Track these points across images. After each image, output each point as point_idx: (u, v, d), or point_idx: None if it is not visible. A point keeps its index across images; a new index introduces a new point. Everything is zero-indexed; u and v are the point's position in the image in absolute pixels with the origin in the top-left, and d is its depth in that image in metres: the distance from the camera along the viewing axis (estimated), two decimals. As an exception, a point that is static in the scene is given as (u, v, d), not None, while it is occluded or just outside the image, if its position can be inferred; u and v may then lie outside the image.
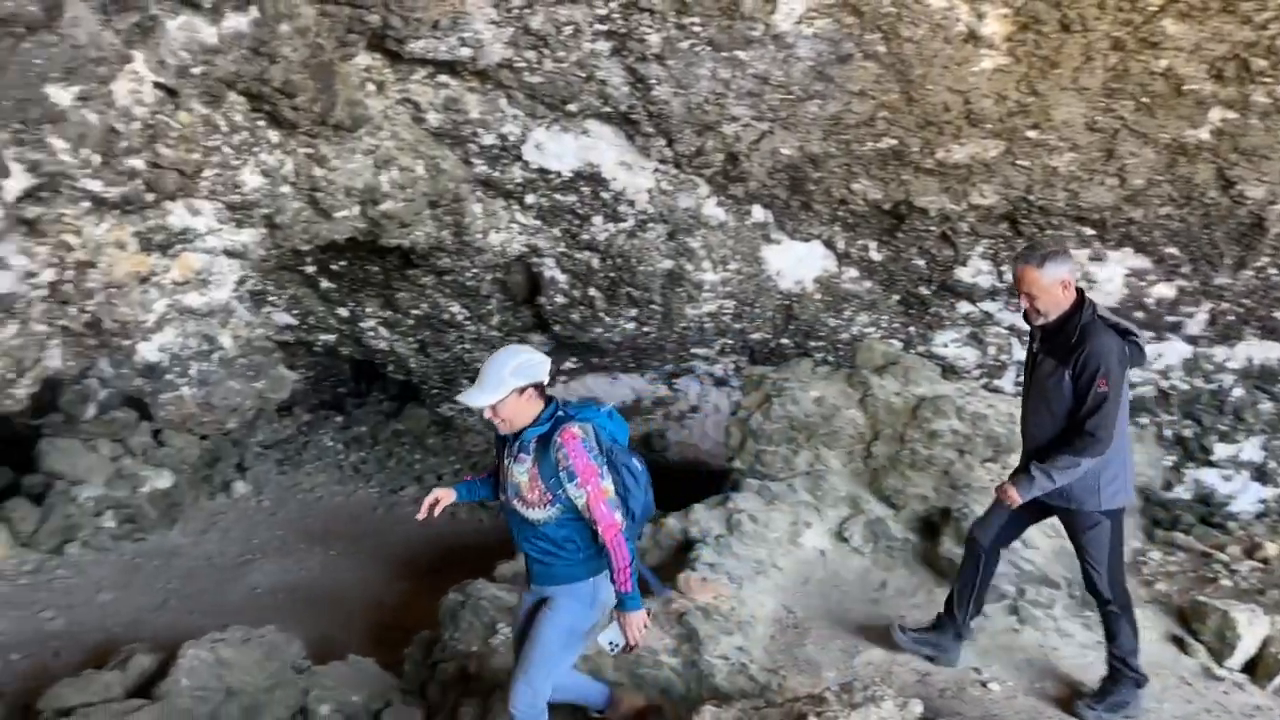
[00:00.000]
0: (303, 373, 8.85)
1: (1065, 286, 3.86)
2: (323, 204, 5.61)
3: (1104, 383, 3.75)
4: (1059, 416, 3.90)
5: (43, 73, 3.94)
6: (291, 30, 4.57)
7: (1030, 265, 3.85)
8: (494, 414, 3.48)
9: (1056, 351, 3.89)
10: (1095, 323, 3.85)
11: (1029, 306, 3.91)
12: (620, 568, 3.46)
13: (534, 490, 3.51)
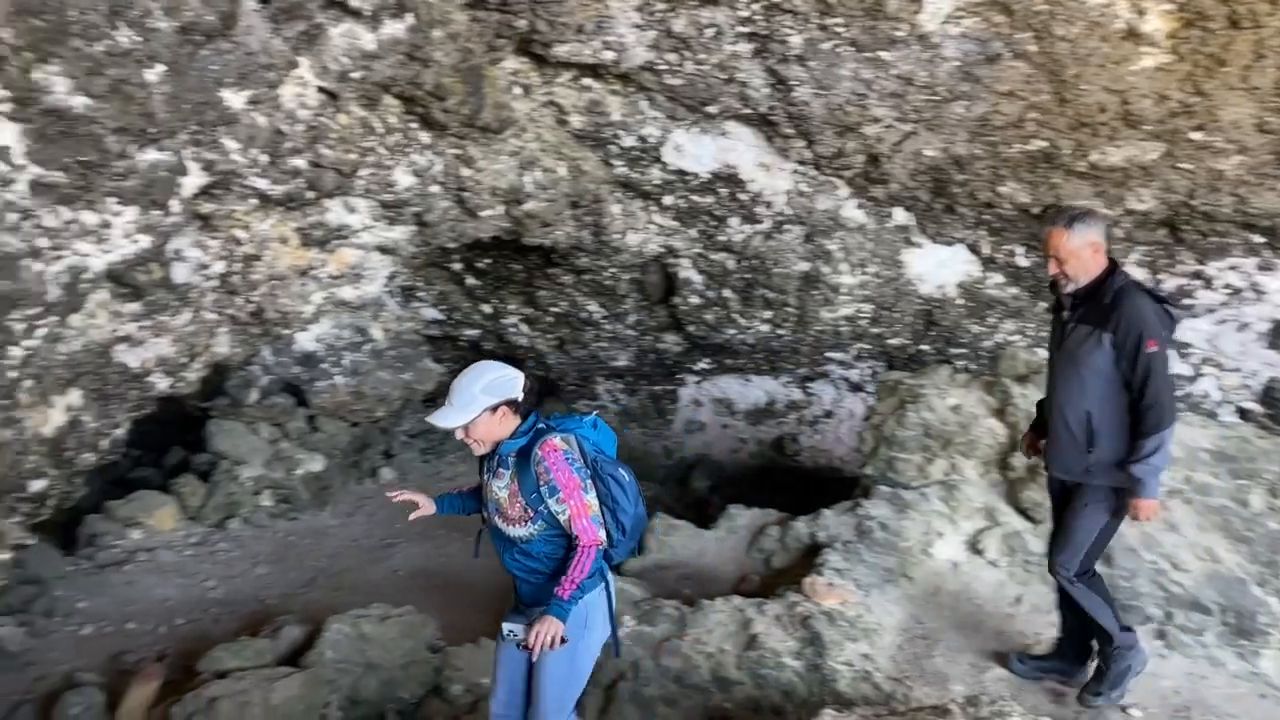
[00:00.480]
0: (448, 366, 9.17)
1: (1095, 250, 3.71)
2: (469, 203, 5.82)
3: (1152, 343, 3.57)
4: (1090, 385, 3.72)
5: (218, 78, 4.21)
6: (444, 35, 4.76)
7: (1058, 227, 3.71)
8: (466, 435, 3.32)
9: (1090, 317, 3.72)
10: (1130, 286, 3.69)
11: (1057, 272, 3.75)
12: (573, 575, 3.22)
13: (515, 506, 3.34)
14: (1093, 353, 3.67)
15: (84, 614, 5.67)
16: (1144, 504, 3.65)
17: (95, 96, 3.71)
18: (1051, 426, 3.92)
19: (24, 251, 3.88)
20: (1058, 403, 3.86)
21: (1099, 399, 3.71)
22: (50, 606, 5.62)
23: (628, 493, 3.45)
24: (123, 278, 4.67)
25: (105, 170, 3.97)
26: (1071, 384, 3.78)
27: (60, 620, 5.56)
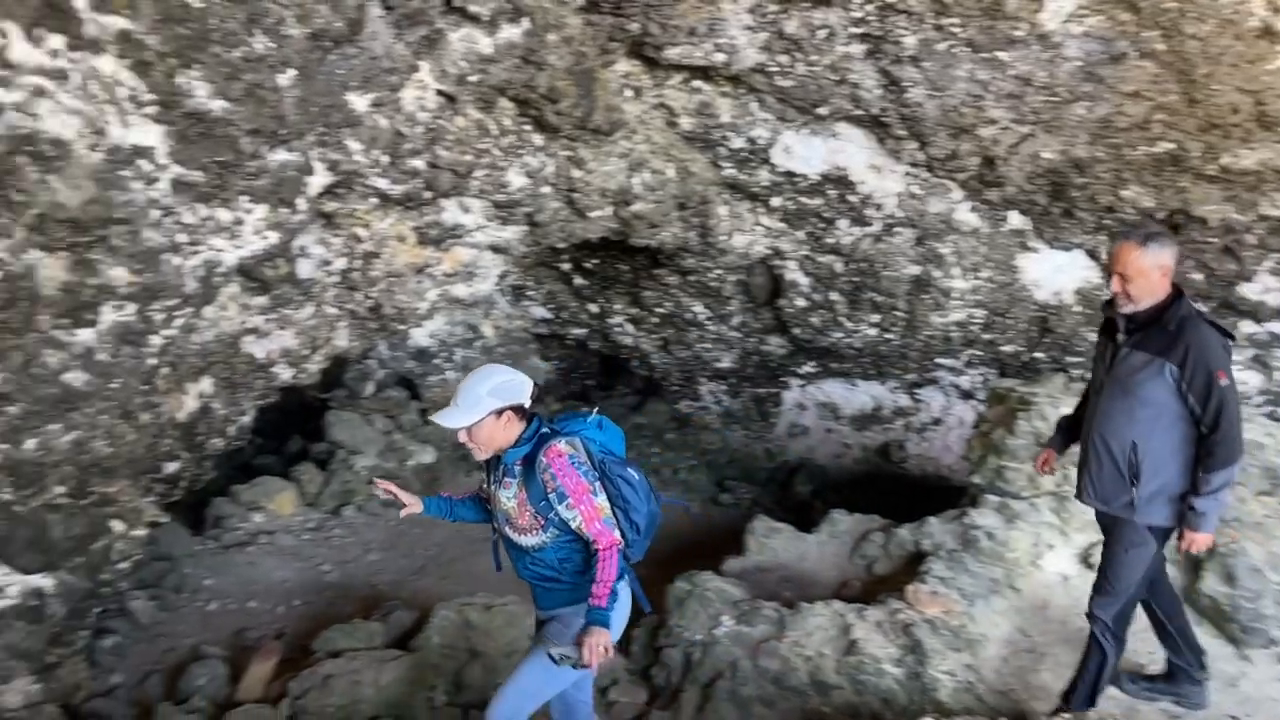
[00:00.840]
0: (555, 364, 9.35)
1: (1164, 274, 3.49)
2: (579, 204, 5.92)
3: (1222, 375, 3.38)
4: (1141, 416, 3.51)
5: (344, 81, 4.40)
6: (558, 39, 4.87)
7: (1131, 242, 3.48)
8: (468, 438, 3.23)
9: (1150, 344, 3.50)
10: (1194, 315, 3.49)
11: (1120, 290, 3.52)
12: (602, 580, 3.15)
13: (524, 515, 3.27)
14: (1150, 382, 3.47)
15: (210, 591, 5.97)
16: (1201, 538, 3.50)
17: (232, 100, 3.92)
18: (1088, 452, 3.72)
19: (165, 246, 4.13)
20: (1099, 429, 3.65)
21: (1148, 430, 3.52)
22: (179, 583, 5.95)
23: (638, 491, 3.37)
24: (252, 272, 4.91)
25: (239, 170, 4.19)
26: (1119, 412, 3.58)
27: (188, 596, 5.87)
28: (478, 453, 3.29)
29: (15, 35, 3.32)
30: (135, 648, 5.25)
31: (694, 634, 4.70)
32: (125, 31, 3.53)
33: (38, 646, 4.22)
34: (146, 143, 3.81)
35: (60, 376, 3.99)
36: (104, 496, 4.37)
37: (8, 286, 3.71)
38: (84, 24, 3.42)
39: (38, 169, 3.56)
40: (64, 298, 3.89)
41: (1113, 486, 3.62)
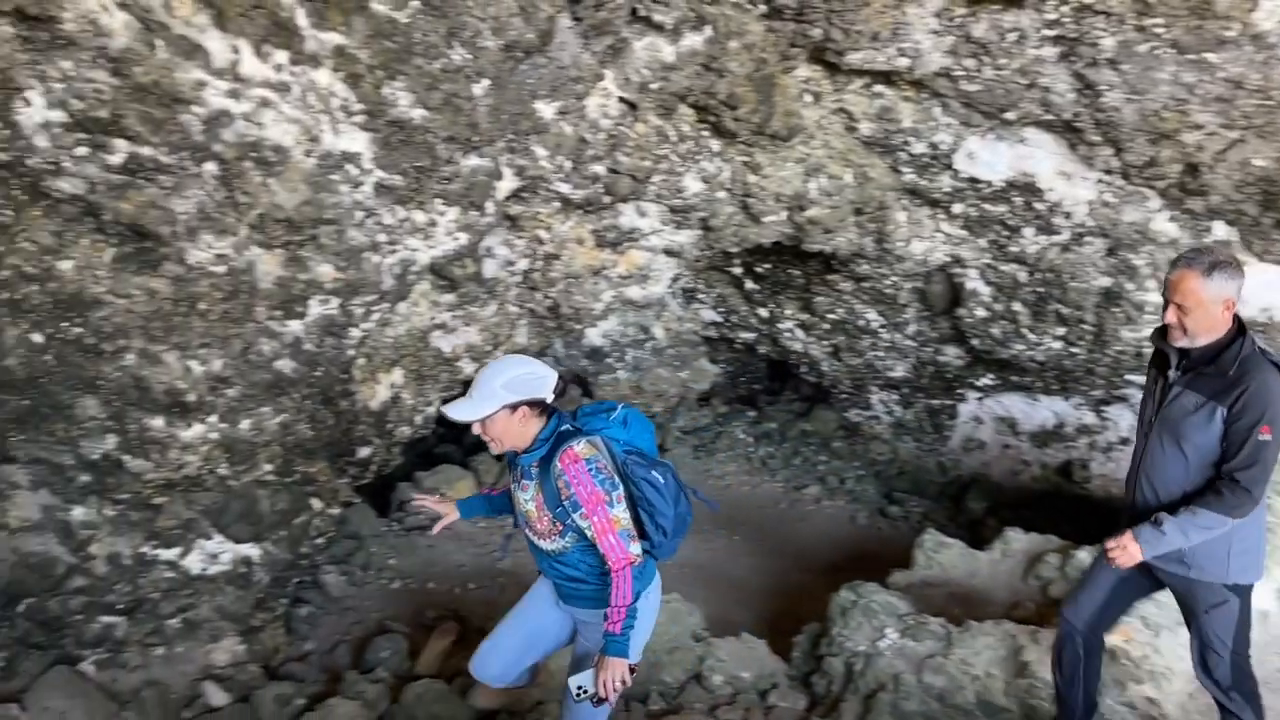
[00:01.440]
0: (723, 367, 9.40)
1: (1228, 308, 3.16)
2: (754, 209, 5.96)
3: (1267, 430, 3.06)
4: (1194, 464, 3.21)
5: (533, 90, 4.59)
6: (739, 46, 4.92)
7: (1194, 270, 3.13)
8: (483, 431, 3.10)
9: (1205, 385, 3.19)
10: (1259, 357, 3.15)
11: (1176, 321, 3.20)
12: (617, 604, 3.02)
13: (542, 520, 3.16)
14: (1201, 428, 3.18)
15: (393, 570, 6.34)
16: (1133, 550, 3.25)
17: (431, 109, 4.17)
18: (1136, 500, 3.40)
19: (366, 245, 4.43)
20: (1149, 476, 3.36)
21: (1202, 480, 3.22)
22: (366, 560, 6.34)
23: (664, 495, 3.20)
24: (442, 271, 5.19)
25: (435, 174, 4.44)
26: (1169, 459, 3.28)
27: (374, 573, 6.25)
28: (494, 446, 3.16)
29: (246, 52, 3.65)
30: (326, 618, 5.64)
31: (857, 644, 4.66)
32: (340, 46, 3.81)
33: (244, 610, 4.60)
34: (354, 149, 4.10)
35: (273, 364, 4.35)
36: (305, 476, 4.73)
37: (231, 280, 4.08)
38: (305, 40, 3.73)
39: (260, 173, 3.90)
40: (278, 291, 4.24)
41: None
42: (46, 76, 3.43)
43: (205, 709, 4.44)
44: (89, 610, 4.41)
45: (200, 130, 3.70)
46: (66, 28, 3.32)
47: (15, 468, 4.27)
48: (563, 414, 3.23)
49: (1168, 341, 3.29)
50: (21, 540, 4.29)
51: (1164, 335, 3.32)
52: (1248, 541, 3.27)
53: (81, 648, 4.43)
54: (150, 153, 3.67)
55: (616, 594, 3.03)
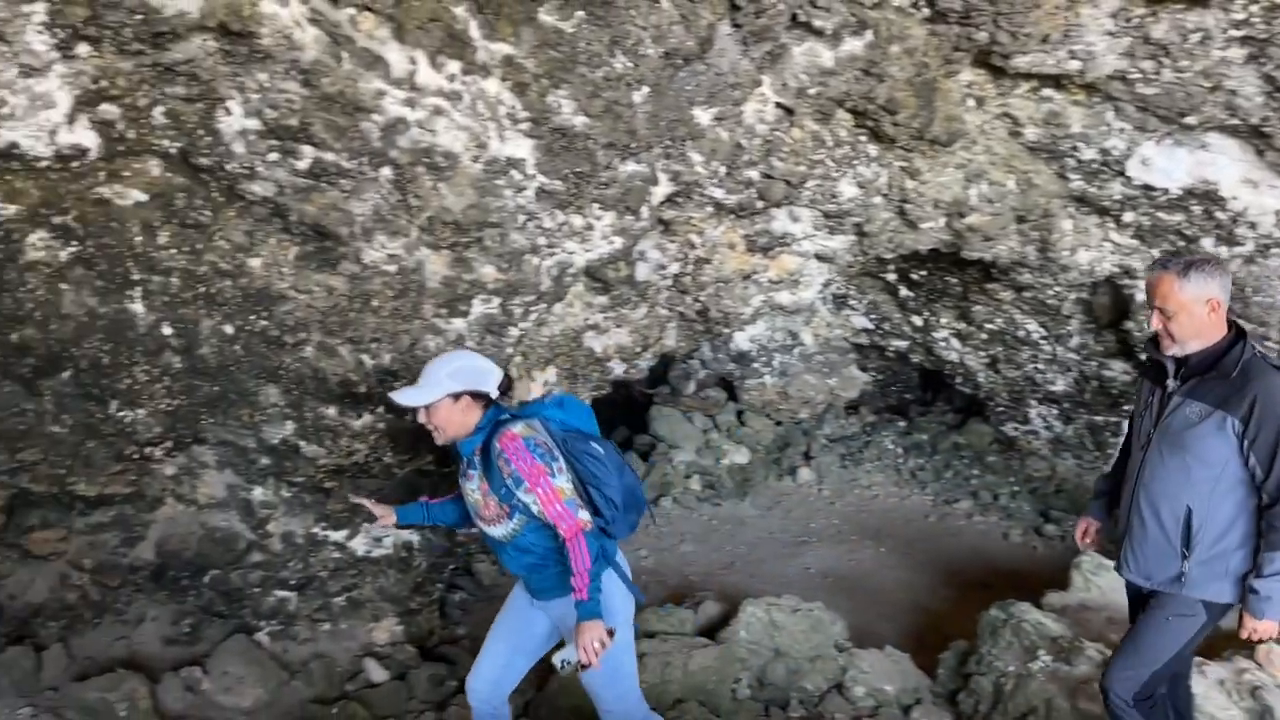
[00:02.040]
0: (873, 375, 9.25)
1: (1213, 309, 3.00)
2: (910, 215, 5.85)
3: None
4: (1198, 478, 3.01)
5: (691, 97, 4.66)
6: (900, 50, 4.85)
7: (1169, 273, 3.01)
8: (426, 417, 3.24)
9: (1208, 393, 3.00)
10: (1260, 361, 2.98)
11: (1160, 327, 3.06)
12: (578, 571, 3.04)
13: (489, 505, 3.23)
14: (1208, 439, 2.98)
15: (540, 562, 6.53)
16: (1264, 626, 3.01)
17: (592, 116, 4.29)
18: (1131, 518, 3.22)
19: (526, 248, 4.58)
20: (1147, 493, 3.16)
21: (1207, 494, 3.03)
22: (515, 551, 6.55)
23: (607, 465, 3.26)
24: (596, 273, 5.32)
25: (593, 180, 4.56)
26: (1171, 472, 3.08)
27: (522, 564, 6.45)
28: (437, 436, 3.29)
29: (423, 62, 3.85)
30: (477, 605, 5.86)
31: (1007, 665, 4.52)
32: (509, 56, 3.97)
33: (403, 593, 4.85)
34: (518, 155, 4.26)
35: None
36: (463, 467, 4.93)
37: (402, 279, 4.31)
38: (477, 51, 3.90)
39: (431, 178, 4.10)
40: (444, 290, 4.44)
41: (1158, 558, 3.17)
42: (245, 87, 3.71)
43: (366, 683, 4.69)
44: (265, 584, 4.73)
45: (378, 137, 3.92)
46: (264, 42, 3.58)
47: (205, 448, 4.63)
48: (501, 405, 3.34)
49: (1161, 351, 3.16)
50: (208, 516, 4.64)
51: (1156, 344, 3.19)
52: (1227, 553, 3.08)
53: (257, 619, 4.76)
54: (333, 158, 3.91)
55: (575, 561, 3.07)
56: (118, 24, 3.40)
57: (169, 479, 4.73)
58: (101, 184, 3.93)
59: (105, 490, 4.58)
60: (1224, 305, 3.06)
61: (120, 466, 4.55)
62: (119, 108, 3.70)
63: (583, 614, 3.07)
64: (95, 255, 4.08)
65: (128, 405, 4.41)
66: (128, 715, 4.06)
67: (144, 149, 3.86)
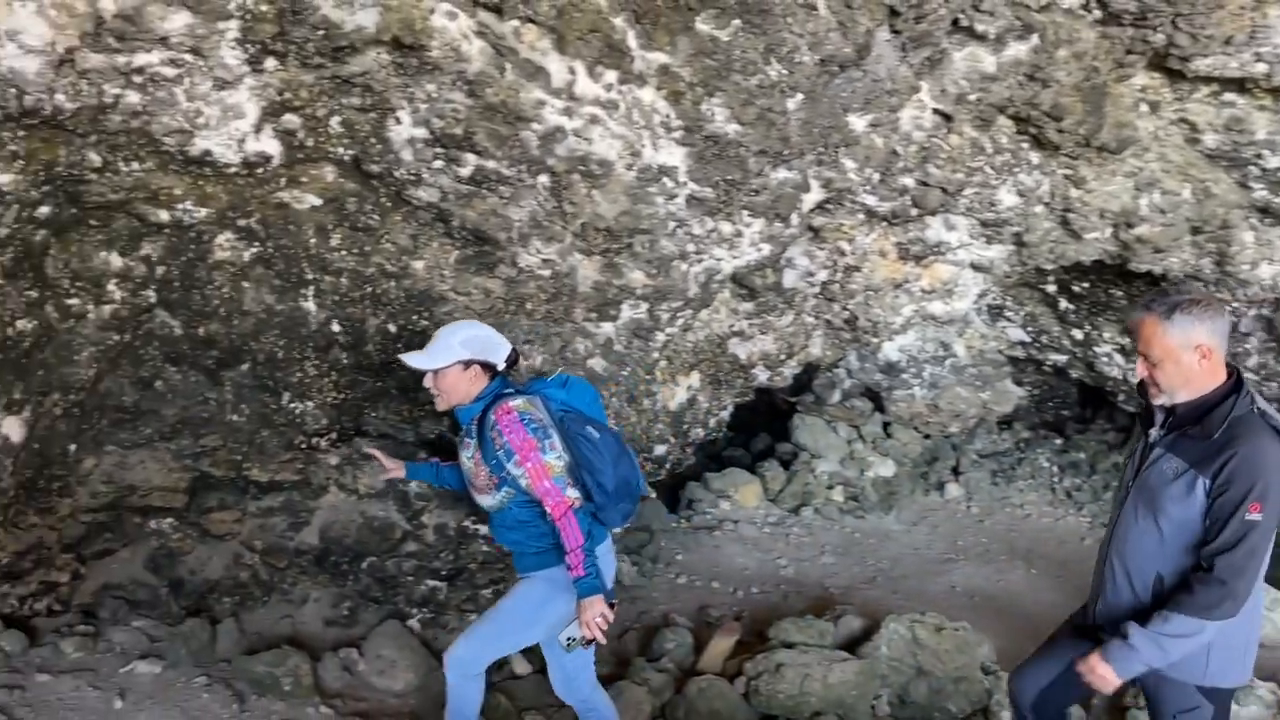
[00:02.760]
0: (1028, 390, 8.91)
1: (1203, 356, 2.72)
2: (1074, 225, 5.62)
3: (1257, 508, 2.57)
4: (1170, 542, 2.75)
5: (845, 104, 4.61)
6: (1068, 55, 4.67)
7: (1152, 315, 2.76)
8: (433, 383, 3.29)
9: (1188, 450, 2.74)
10: (1254, 418, 2.68)
11: (1145, 375, 2.82)
12: (571, 547, 3.10)
13: (480, 474, 3.29)
14: (1181, 500, 2.72)
15: (680, 565, 6.58)
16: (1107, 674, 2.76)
17: (745, 124, 4.30)
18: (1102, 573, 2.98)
19: (675, 254, 4.64)
20: (1119, 553, 2.91)
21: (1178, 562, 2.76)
22: (656, 554, 6.62)
23: (600, 450, 3.26)
24: (743, 280, 5.33)
25: (744, 187, 4.57)
26: (1142, 533, 2.83)
27: (662, 567, 6.52)
28: (439, 402, 3.34)
29: (581, 72, 3.95)
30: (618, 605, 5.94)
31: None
32: (665, 65, 4.03)
33: (547, 588, 4.97)
34: (671, 163, 4.31)
35: (586, 362, 4.67)
36: (607, 468, 5.03)
37: (555, 283, 4.43)
38: (634, 61, 3.97)
39: (586, 185, 4.20)
40: (594, 294, 4.54)
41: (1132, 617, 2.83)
42: (414, 98, 3.89)
43: (511, 675, 4.83)
44: (418, 573, 4.94)
45: (537, 145, 4.05)
46: (433, 55, 3.75)
47: (366, 440, 4.87)
48: (507, 379, 3.41)
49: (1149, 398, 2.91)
50: (368, 505, 4.89)
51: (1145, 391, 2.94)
52: (1232, 637, 2.77)
53: (410, 605, 4.97)
54: (494, 166, 4.06)
55: (567, 539, 3.13)
56: (302, 39, 3.63)
57: (333, 468, 5.00)
58: (282, 189, 4.20)
59: (276, 476, 4.88)
60: (1217, 351, 2.78)
61: (290, 455, 4.84)
62: (300, 118, 3.94)
63: (582, 590, 3.17)
64: (274, 255, 4.35)
65: (298, 397, 4.69)
66: (291, 689, 4.30)
67: (321, 156, 4.10)
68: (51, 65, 3.51)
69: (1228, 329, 2.84)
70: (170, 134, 3.83)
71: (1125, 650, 2.76)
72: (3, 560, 4.51)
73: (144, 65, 3.60)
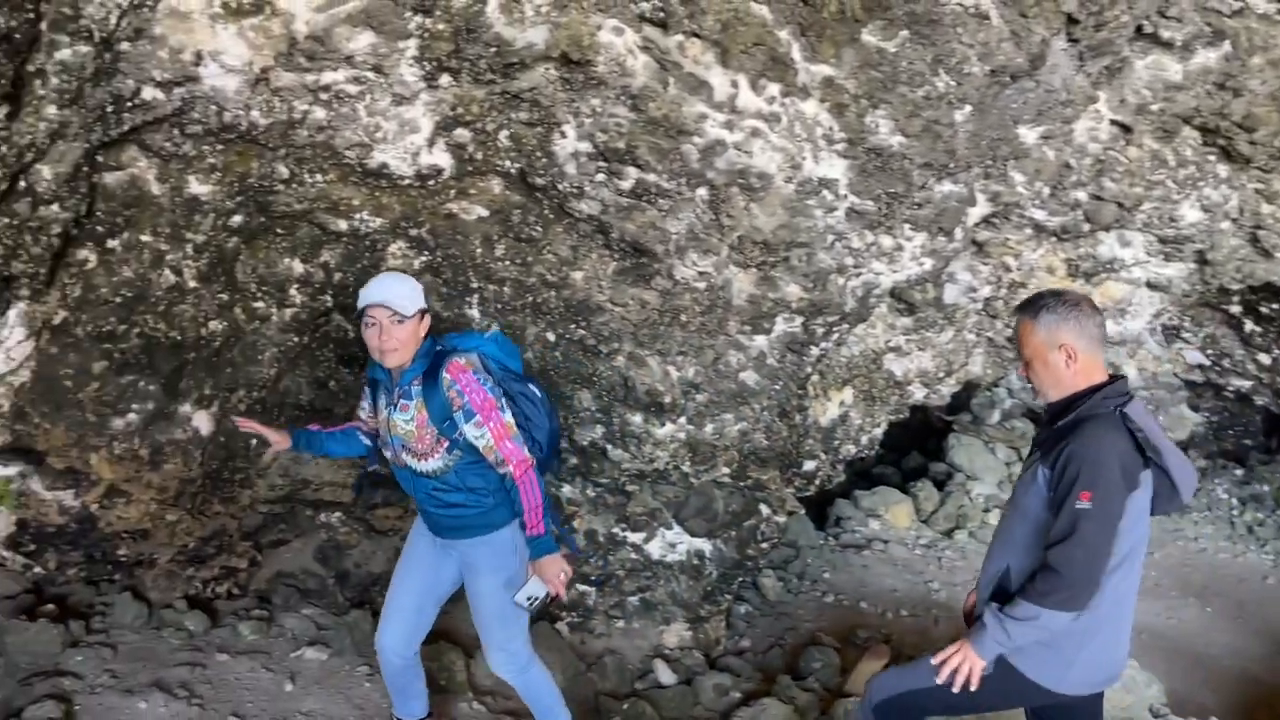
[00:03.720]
0: (1205, 416, 8.40)
1: (1070, 356, 2.80)
2: (1265, 243, 5.26)
3: (1086, 495, 2.60)
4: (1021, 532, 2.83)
5: (1016, 115, 4.44)
6: (1263, 62, 4.37)
7: (1024, 316, 2.90)
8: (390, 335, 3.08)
9: (1044, 443, 2.83)
10: (1106, 417, 2.71)
11: (1024, 375, 2.96)
12: (531, 507, 3.07)
13: (424, 439, 3.11)
14: (1028, 491, 2.82)
15: (827, 584, 6.47)
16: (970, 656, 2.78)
17: (909, 136, 4.21)
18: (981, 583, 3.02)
19: (832, 268, 4.57)
20: (990, 552, 2.99)
21: (1023, 552, 2.82)
22: (802, 570, 6.54)
23: (539, 407, 3.31)
24: (902, 295, 5.21)
25: (906, 200, 4.47)
26: (1008, 525, 2.92)
27: (809, 584, 6.43)
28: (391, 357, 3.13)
29: (744, 85, 3.95)
30: (762, 619, 5.90)
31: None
32: (829, 77, 3.99)
33: (694, 599, 4.98)
34: (831, 176, 4.26)
35: (739, 375, 4.66)
36: (757, 482, 5.00)
37: (710, 295, 4.44)
38: (798, 73, 3.95)
39: (744, 198, 4.19)
40: (749, 308, 4.53)
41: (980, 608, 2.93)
42: (579, 112, 3.98)
43: (655, 684, 4.86)
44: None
45: (697, 159, 4.07)
46: (599, 70, 3.83)
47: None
48: (434, 338, 3.30)
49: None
50: (521, 508, 5.00)
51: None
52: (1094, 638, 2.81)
53: (560, 609, 5.06)
54: (654, 179, 4.10)
55: (528, 498, 3.09)
56: (475, 56, 3.77)
57: (490, 470, 5.15)
58: (451, 200, 4.36)
59: (435, 476, 5.06)
60: (1084, 353, 2.82)
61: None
62: (470, 132, 4.09)
63: (542, 549, 3.16)
64: (442, 264, 4.53)
65: (460, 401, 4.85)
66: (446, 684, 4.45)
67: (489, 169, 4.24)
68: (248, 84, 3.76)
69: (1099, 331, 2.87)
70: (351, 147, 4.05)
71: (979, 629, 2.83)
72: (190, 544, 4.84)
73: (330, 83, 3.82)
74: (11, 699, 3.62)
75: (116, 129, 3.77)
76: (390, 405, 3.25)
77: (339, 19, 3.61)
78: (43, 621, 4.10)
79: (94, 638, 4.24)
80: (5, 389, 4.16)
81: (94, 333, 4.24)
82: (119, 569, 4.70)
